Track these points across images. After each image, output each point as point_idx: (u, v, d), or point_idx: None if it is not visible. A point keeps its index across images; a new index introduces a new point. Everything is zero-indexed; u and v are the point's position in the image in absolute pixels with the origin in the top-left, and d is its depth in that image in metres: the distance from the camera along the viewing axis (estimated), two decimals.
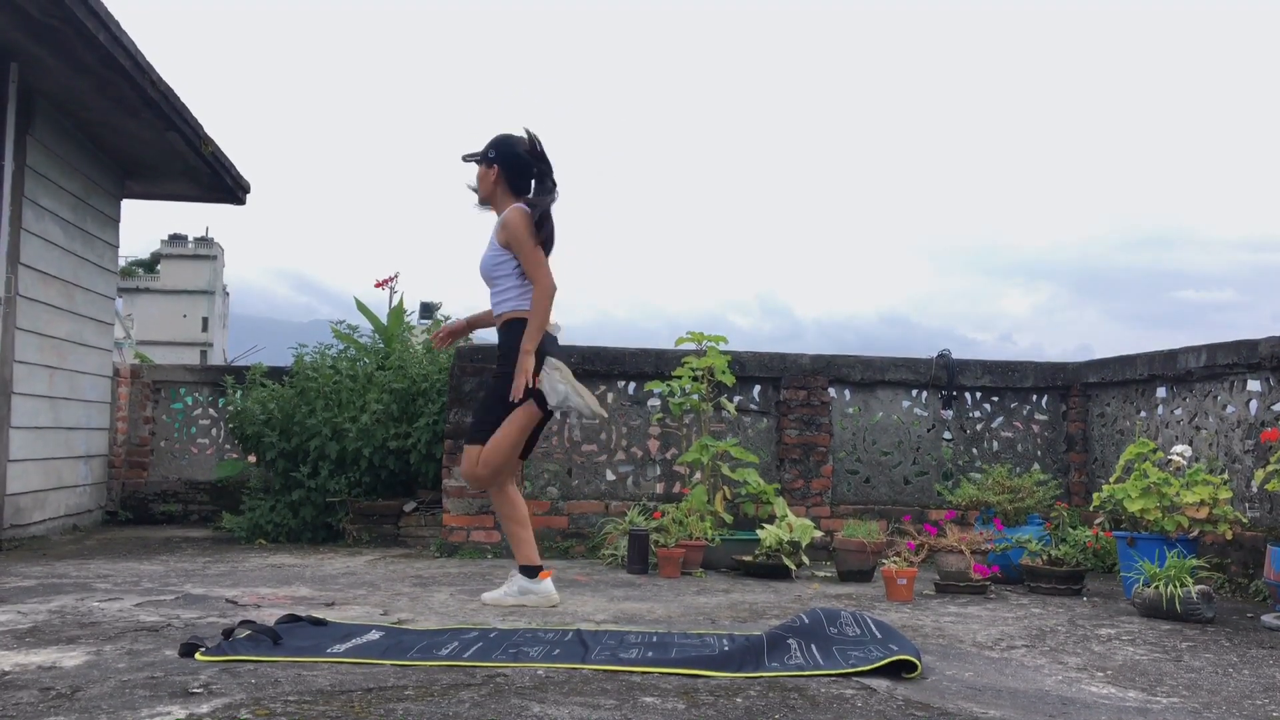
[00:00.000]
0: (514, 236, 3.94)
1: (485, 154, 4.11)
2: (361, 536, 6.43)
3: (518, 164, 4.09)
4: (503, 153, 4.09)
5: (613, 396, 6.36)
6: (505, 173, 4.08)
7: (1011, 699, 2.60)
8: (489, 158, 4.10)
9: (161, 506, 7.88)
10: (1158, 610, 3.97)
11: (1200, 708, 2.59)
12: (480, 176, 4.14)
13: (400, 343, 7.23)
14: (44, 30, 5.30)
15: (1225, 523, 4.34)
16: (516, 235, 3.94)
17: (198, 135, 7.04)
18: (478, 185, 4.16)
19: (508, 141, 4.11)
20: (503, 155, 4.08)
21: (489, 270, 4.06)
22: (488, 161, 4.10)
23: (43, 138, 6.32)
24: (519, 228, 3.94)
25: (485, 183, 4.12)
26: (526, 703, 2.40)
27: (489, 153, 4.10)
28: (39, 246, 6.33)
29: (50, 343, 6.56)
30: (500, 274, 4.03)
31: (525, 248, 3.94)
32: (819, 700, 2.49)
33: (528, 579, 3.98)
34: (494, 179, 4.09)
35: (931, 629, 3.69)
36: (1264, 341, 4.78)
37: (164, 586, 4.38)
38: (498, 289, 4.05)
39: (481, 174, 4.13)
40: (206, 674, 2.63)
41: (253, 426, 6.66)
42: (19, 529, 6.15)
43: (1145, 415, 5.88)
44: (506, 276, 4.01)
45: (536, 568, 3.99)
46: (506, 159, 4.09)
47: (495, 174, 4.08)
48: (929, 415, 6.58)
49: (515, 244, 3.95)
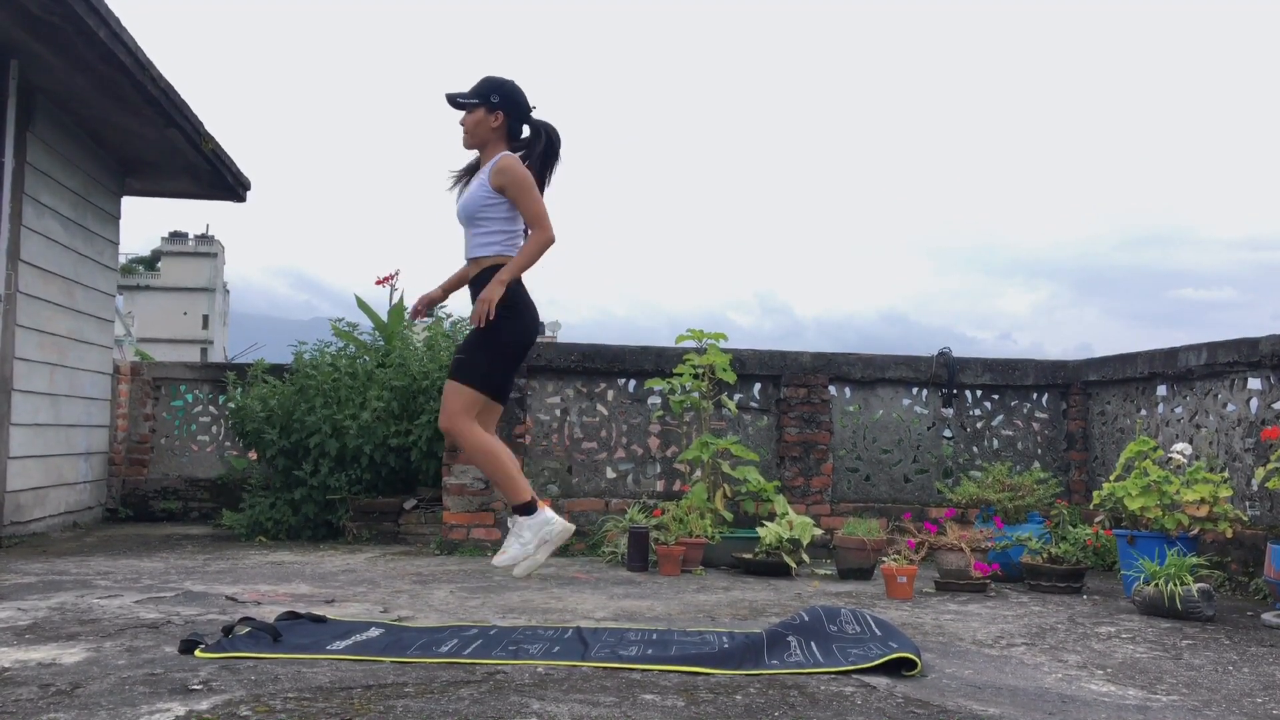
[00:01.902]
0: (514, 181, 3.75)
1: (488, 98, 3.87)
2: (362, 534, 6.43)
3: (520, 113, 3.91)
4: (507, 98, 3.88)
5: (613, 394, 6.36)
6: (510, 120, 3.89)
7: (1011, 697, 2.60)
8: (493, 102, 3.86)
9: (162, 504, 7.87)
10: (1158, 608, 3.97)
11: (1200, 705, 2.59)
12: (477, 121, 3.88)
13: (401, 340, 7.22)
14: (44, 27, 5.29)
15: (1225, 521, 4.34)
16: (521, 180, 3.75)
17: (198, 132, 7.03)
18: (471, 130, 3.90)
19: (511, 87, 3.90)
20: (508, 102, 3.88)
21: (474, 210, 3.83)
22: (490, 106, 3.86)
23: (43, 134, 6.32)
24: (521, 173, 3.76)
25: (483, 128, 3.88)
26: (526, 700, 2.40)
27: (491, 96, 3.87)
28: (39, 243, 6.33)
29: (50, 340, 6.56)
30: (486, 216, 3.81)
31: (530, 194, 3.75)
32: (819, 698, 2.49)
33: (532, 516, 3.70)
34: (496, 124, 3.87)
35: (931, 627, 3.69)
36: (1264, 340, 4.78)
37: (164, 583, 4.38)
38: (481, 231, 3.84)
39: (479, 118, 3.88)
40: (206, 671, 2.63)
41: (253, 424, 6.66)
42: (19, 526, 6.16)
43: (1146, 413, 5.88)
44: (494, 220, 3.81)
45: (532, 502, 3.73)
46: (512, 106, 3.89)
47: (499, 119, 3.87)
48: (929, 413, 6.58)
49: (518, 190, 3.75)
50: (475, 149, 3.97)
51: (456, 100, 3.92)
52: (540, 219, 3.77)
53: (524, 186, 3.76)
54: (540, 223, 3.77)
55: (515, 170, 3.77)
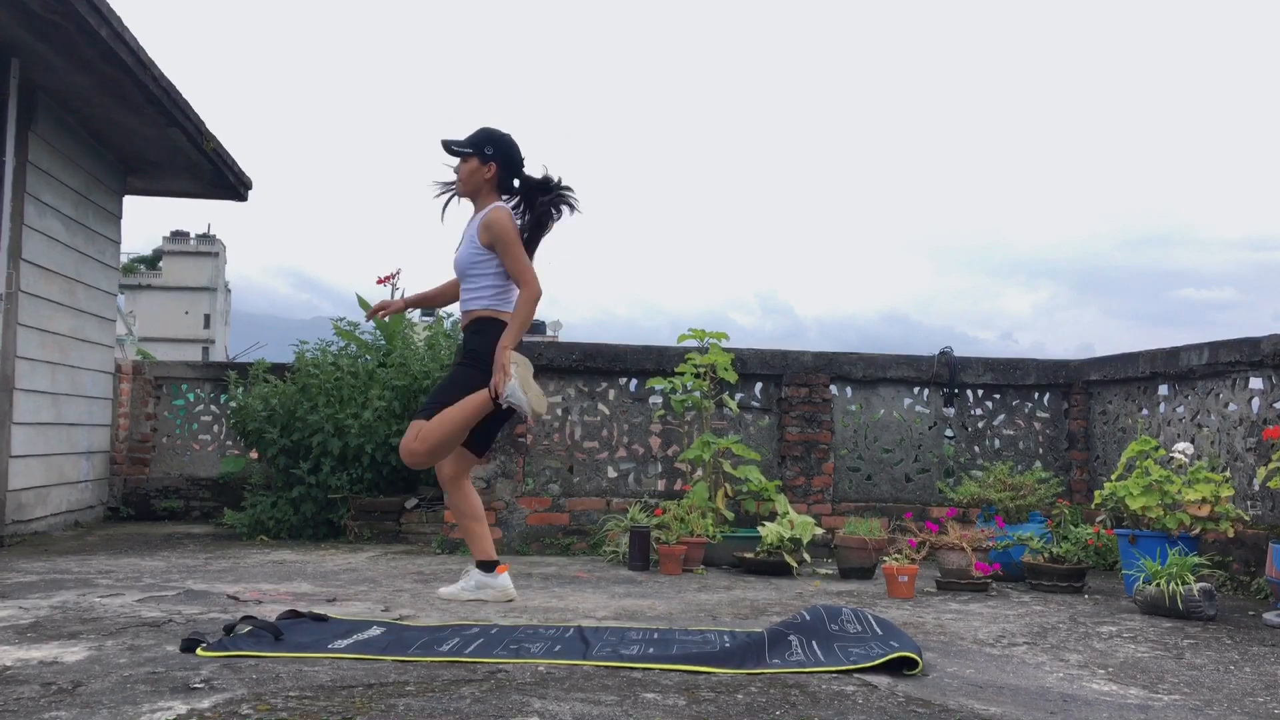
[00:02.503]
0: (500, 238, 3.84)
1: (481, 149, 3.96)
2: (363, 533, 6.43)
3: (513, 166, 4.00)
4: (500, 152, 3.97)
5: (614, 394, 6.36)
6: (501, 172, 3.98)
7: (1013, 696, 2.60)
8: (486, 154, 3.96)
9: (163, 503, 7.88)
10: (1159, 608, 3.97)
11: (1201, 705, 2.59)
12: (471, 171, 3.97)
13: (402, 340, 7.22)
14: (46, 26, 5.30)
15: (1227, 520, 4.34)
16: (503, 237, 3.84)
17: (200, 131, 7.04)
18: (464, 179, 4.00)
19: (506, 141, 4.00)
20: (501, 154, 3.97)
21: (465, 267, 3.95)
22: (484, 157, 3.96)
23: (44, 134, 6.32)
24: (506, 229, 3.84)
25: (475, 178, 3.97)
26: (527, 699, 2.40)
27: (486, 149, 3.96)
28: (41, 242, 6.33)
29: (52, 339, 6.56)
30: (477, 272, 3.92)
31: (513, 250, 3.85)
32: (820, 697, 2.49)
33: (484, 573, 3.97)
34: (488, 176, 3.97)
35: (933, 626, 3.69)
36: (1266, 339, 4.78)
37: (165, 582, 4.38)
38: (472, 286, 3.95)
39: (473, 168, 3.97)
40: (208, 669, 2.63)
41: (254, 423, 6.66)
42: (21, 525, 6.16)
43: (1147, 413, 5.87)
44: (483, 275, 3.92)
45: (494, 562, 3.98)
46: (505, 159, 3.98)
47: (491, 171, 3.96)
48: (931, 413, 6.58)
49: (501, 245, 3.85)
50: (468, 197, 4.08)
51: (451, 148, 4.01)
52: (523, 274, 3.87)
53: (508, 242, 3.86)
54: (522, 278, 3.88)
55: (499, 225, 3.86)
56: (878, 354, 6.57)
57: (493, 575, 3.97)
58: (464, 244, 4.01)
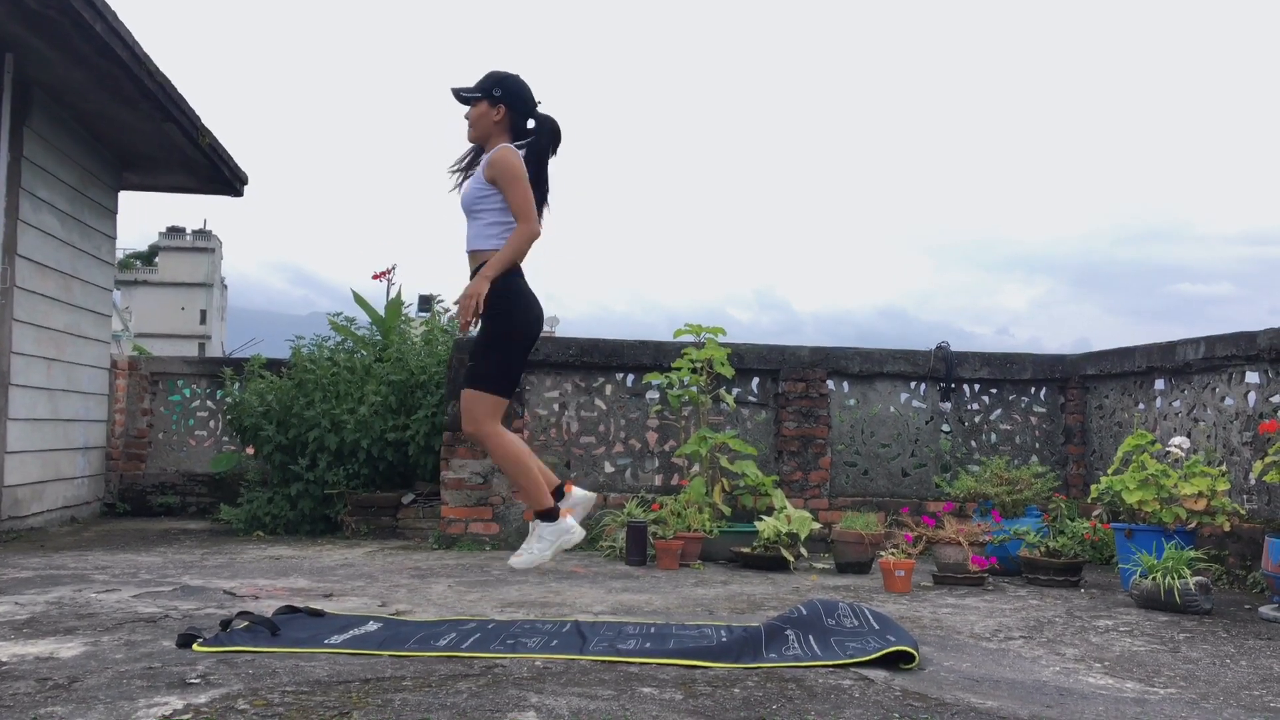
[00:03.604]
0: (503, 173, 3.73)
1: (490, 91, 3.86)
2: (359, 528, 6.42)
3: (524, 106, 3.89)
4: (510, 92, 3.87)
5: (611, 389, 6.35)
6: (511, 114, 3.87)
7: (1009, 689, 2.60)
8: (495, 96, 3.85)
9: (159, 498, 7.87)
10: (1155, 602, 3.97)
11: (1197, 698, 2.59)
12: (480, 114, 3.87)
13: (398, 335, 7.22)
14: (40, 21, 5.28)
15: (1223, 514, 4.35)
16: (507, 173, 3.73)
17: (195, 127, 7.02)
18: (474, 123, 3.90)
19: (515, 81, 3.90)
20: (510, 95, 3.86)
21: (471, 203, 3.85)
22: (493, 99, 3.85)
23: (39, 129, 6.30)
24: (510, 165, 3.73)
25: (485, 121, 3.87)
26: (524, 693, 2.40)
27: (494, 90, 3.86)
28: (36, 238, 6.32)
29: (48, 334, 6.55)
30: (482, 208, 3.81)
31: (516, 187, 3.73)
32: (816, 691, 2.49)
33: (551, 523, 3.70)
34: (499, 118, 3.85)
35: (929, 620, 3.69)
36: (1262, 334, 4.78)
37: (162, 578, 4.38)
38: (477, 223, 3.84)
39: (483, 111, 3.86)
40: (204, 665, 2.63)
41: (251, 418, 6.65)
42: (17, 520, 6.15)
43: (1143, 407, 5.88)
44: (488, 212, 3.80)
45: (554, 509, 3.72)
46: (515, 100, 3.87)
47: (501, 113, 3.85)
48: (927, 407, 6.58)
49: (505, 181, 3.74)
50: (479, 142, 3.96)
51: (460, 94, 3.93)
52: (524, 211, 3.74)
53: (511, 178, 3.73)
54: (523, 215, 3.74)
55: (505, 161, 3.75)
56: (874, 349, 6.57)
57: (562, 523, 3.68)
58: (469, 181, 3.90)
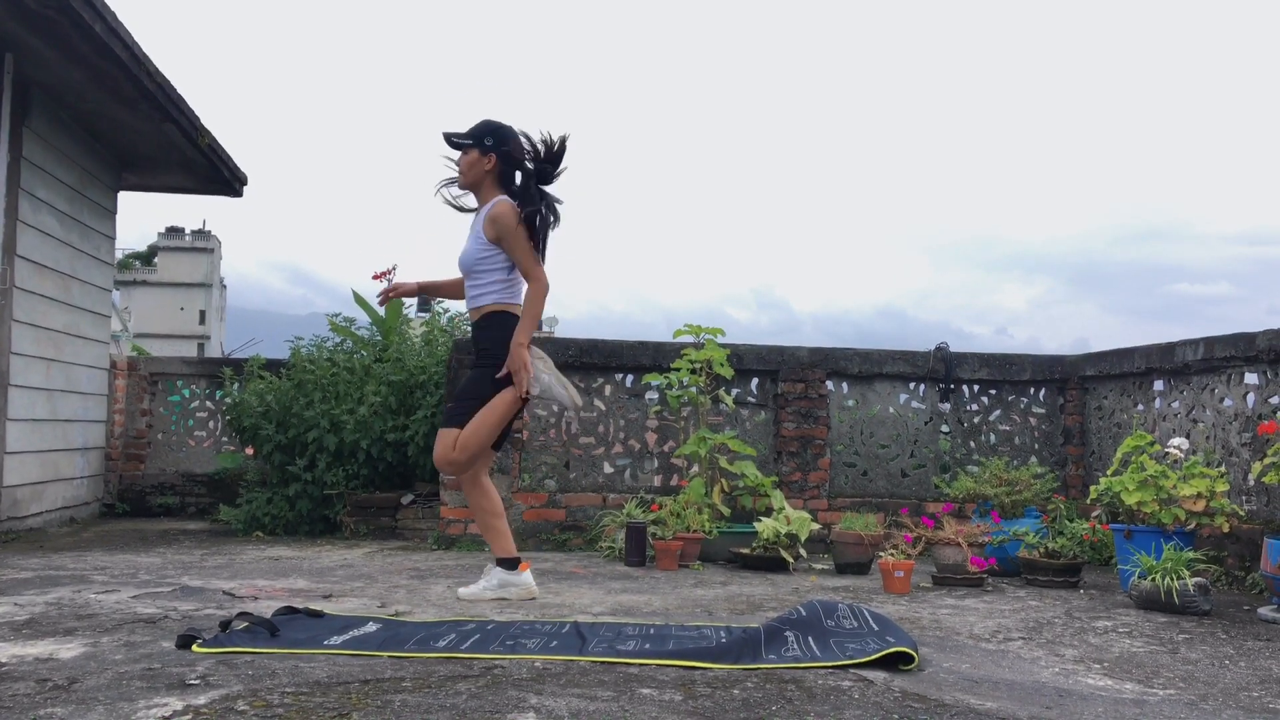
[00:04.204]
0: (505, 232, 3.82)
1: (482, 140, 3.93)
2: (359, 529, 6.42)
3: (514, 158, 3.96)
4: (501, 142, 3.93)
5: (610, 389, 6.36)
6: (502, 164, 3.94)
7: (1008, 690, 2.60)
8: (486, 145, 3.92)
9: (159, 499, 7.87)
10: (1154, 603, 3.98)
11: (1196, 699, 2.60)
12: (471, 163, 3.95)
13: (398, 335, 7.22)
14: (40, 21, 5.28)
15: (1222, 515, 4.35)
16: (509, 230, 3.82)
17: (194, 127, 7.02)
18: (465, 171, 3.98)
19: (506, 131, 3.95)
20: (501, 145, 3.93)
21: (471, 263, 3.93)
22: (484, 148, 3.93)
23: (39, 129, 6.30)
24: (511, 223, 3.82)
25: (476, 170, 3.95)
26: (524, 694, 2.40)
27: (486, 140, 3.92)
28: (35, 238, 6.32)
29: (47, 335, 6.55)
30: (484, 268, 3.90)
31: (520, 243, 3.83)
32: (816, 692, 2.49)
33: (507, 571, 3.91)
34: (489, 168, 3.93)
35: (929, 621, 3.69)
36: (1261, 335, 4.78)
37: (161, 579, 4.38)
38: (479, 282, 3.93)
39: (473, 160, 3.95)
40: (203, 665, 2.63)
41: (250, 419, 6.65)
42: (16, 521, 6.15)
43: (1143, 408, 5.88)
44: (491, 270, 3.89)
45: (515, 559, 3.92)
46: (506, 150, 3.94)
47: (492, 163, 3.93)
48: (927, 408, 6.58)
49: (508, 239, 3.83)
50: (469, 190, 4.04)
51: (452, 140, 3.99)
52: (532, 268, 3.86)
53: (512, 235, 3.84)
54: (531, 272, 3.86)
55: (504, 219, 3.85)
56: (874, 349, 6.57)
57: (515, 573, 3.91)
58: (469, 239, 3.98)
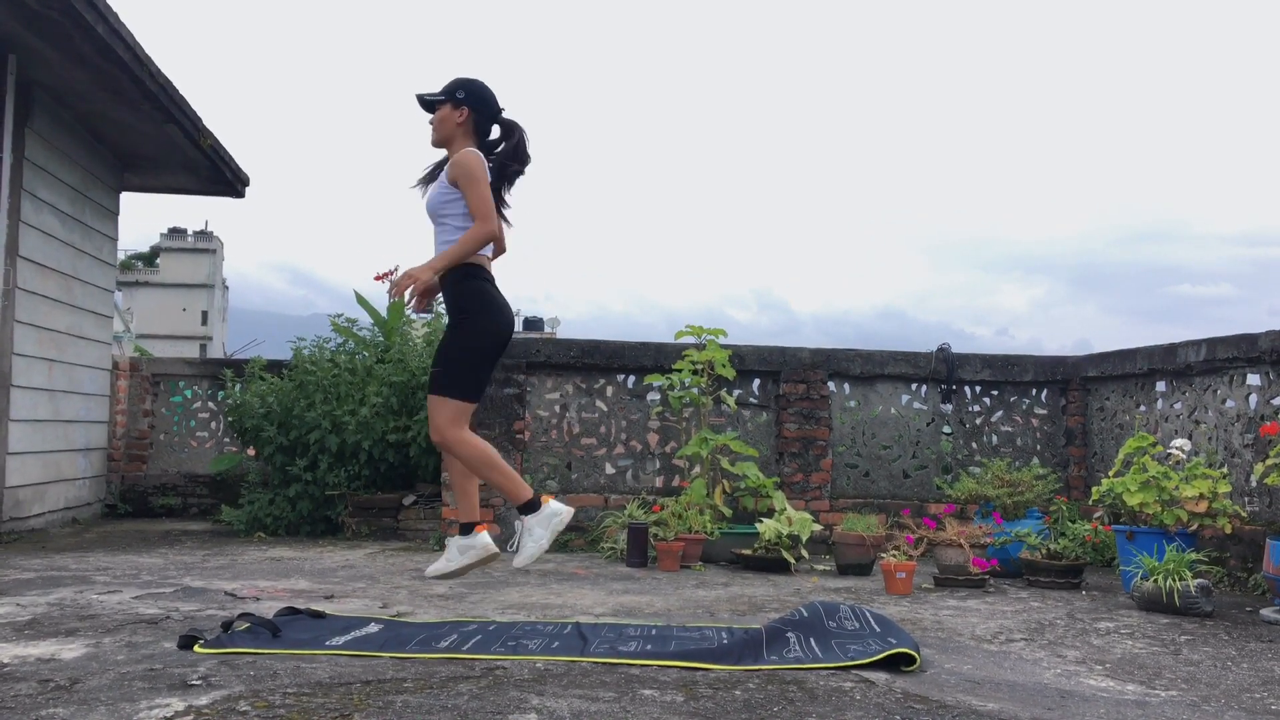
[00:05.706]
0: (464, 175, 3.73)
1: (454, 94, 3.87)
2: (360, 530, 6.42)
3: (487, 110, 3.90)
4: (473, 95, 3.87)
5: (612, 390, 6.35)
6: (475, 116, 3.87)
7: (1010, 691, 2.60)
8: (458, 98, 3.86)
9: (160, 499, 7.87)
10: (1156, 604, 3.97)
11: (1199, 700, 2.59)
12: (443, 118, 3.88)
13: (400, 336, 7.21)
14: (42, 22, 5.28)
15: (1224, 516, 4.34)
16: (468, 174, 3.73)
17: (196, 128, 7.02)
18: (437, 126, 3.90)
19: (478, 85, 3.90)
20: (473, 98, 3.87)
21: (436, 208, 3.85)
22: (456, 102, 3.86)
23: (41, 130, 6.31)
24: (471, 168, 3.74)
25: (448, 124, 3.87)
26: (525, 695, 2.40)
27: (458, 93, 3.87)
28: (37, 239, 6.32)
29: (49, 335, 6.55)
30: (447, 213, 3.82)
31: (476, 188, 3.73)
32: (818, 693, 2.49)
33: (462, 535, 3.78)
34: (461, 120, 3.86)
35: (930, 622, 3.69)
36: (1264, 335, 4.78)
37: (163, 579, 4.38)
38: (444, 229, 3.85)
39: (445, 115, 3.88)
40: (205, 666, 2.63)
41: (252, 420, 6.65)
42: (18, 522, 6.15)
43: (1144, 409, 5.88)
44: (454, 216, 3.80)
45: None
46: (478, 103, 3.87)
47: (464, 115, 3.86)
48: (928, 409, 6.58)
49: (465, 182, 3.74)
50: (441, 145, 3.95)
51: (424, 99, 3.93)
52: (482, 211, 3.73)
53: (472, 179, 3.74)
54: (481, 215, 3.73)
55: (466, 163, 3.75)
56: (875, 350, 6.56)
57: (470, 535, 3.79)
58: (433, 186, 3.91)
